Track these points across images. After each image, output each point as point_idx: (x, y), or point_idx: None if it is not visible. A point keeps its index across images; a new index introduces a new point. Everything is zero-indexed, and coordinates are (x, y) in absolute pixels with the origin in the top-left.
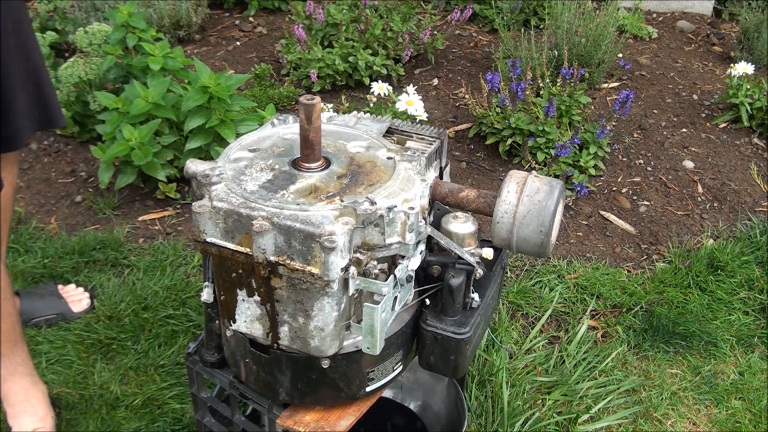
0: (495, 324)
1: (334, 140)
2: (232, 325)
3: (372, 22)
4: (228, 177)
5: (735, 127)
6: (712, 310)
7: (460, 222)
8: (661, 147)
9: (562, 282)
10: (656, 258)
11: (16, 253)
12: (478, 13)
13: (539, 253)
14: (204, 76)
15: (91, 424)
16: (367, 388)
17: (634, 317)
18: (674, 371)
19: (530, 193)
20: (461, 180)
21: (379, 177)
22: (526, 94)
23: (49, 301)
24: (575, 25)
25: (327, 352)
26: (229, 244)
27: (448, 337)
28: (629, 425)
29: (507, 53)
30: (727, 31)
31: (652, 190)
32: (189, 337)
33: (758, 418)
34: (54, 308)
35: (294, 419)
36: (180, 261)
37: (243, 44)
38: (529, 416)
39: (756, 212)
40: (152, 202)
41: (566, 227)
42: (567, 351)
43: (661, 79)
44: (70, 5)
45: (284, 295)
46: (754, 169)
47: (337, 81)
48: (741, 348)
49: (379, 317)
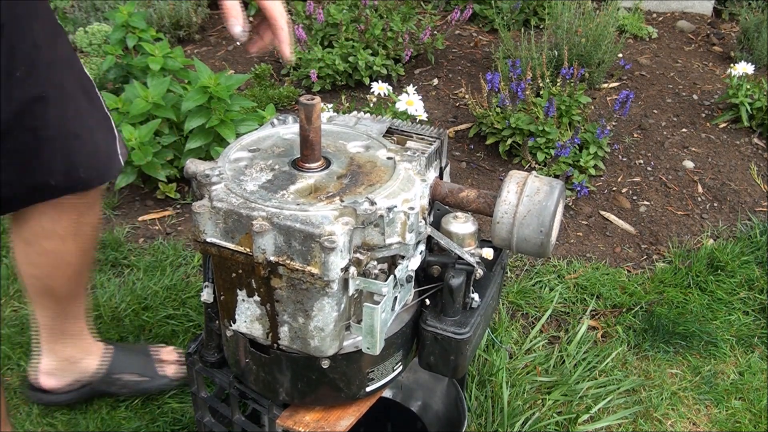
0: (495, 324)
1: (334, 140)
2: (232, 325)
3: (372, 22)
4: (228, 177)
5: (735, 127)
6: (712, 310)
7: (460, 222)
8: (661, 147)
9: (562, 282)
10: (656, 258)
11: None
12: (478, 13)
13: (539, 253)
14: (204, 76)
15: (91, 424)
16: (367, 388)
17: (634, 317)
18: (674, 371)
19: (530, 194)
20: (461, 180)
21: (379, 177)
22: (526, 94)
23: (137, 359)
24: (575, 25)
25: (327, 352)
26: (229, 244)
27: (448, 338)
28: (629, 425)
29: (507, 53)
30: (727, 31)
31: (652, 190)
32: (189, 337)
33: (758, 418)
34: (139, 368)
35: (294, 419)
36: (180, 261)
37: (243, 44)
38: (529, 416)
39: (756, 212)
40: (152, 202)
41: (566, 227)
42: (567, 351)
43: (661, 79)
44: (70, 5)
45: (284, 296)
46: (754, 169)
47: (337, 81)
48: (741, 348)
49: (379, 317)
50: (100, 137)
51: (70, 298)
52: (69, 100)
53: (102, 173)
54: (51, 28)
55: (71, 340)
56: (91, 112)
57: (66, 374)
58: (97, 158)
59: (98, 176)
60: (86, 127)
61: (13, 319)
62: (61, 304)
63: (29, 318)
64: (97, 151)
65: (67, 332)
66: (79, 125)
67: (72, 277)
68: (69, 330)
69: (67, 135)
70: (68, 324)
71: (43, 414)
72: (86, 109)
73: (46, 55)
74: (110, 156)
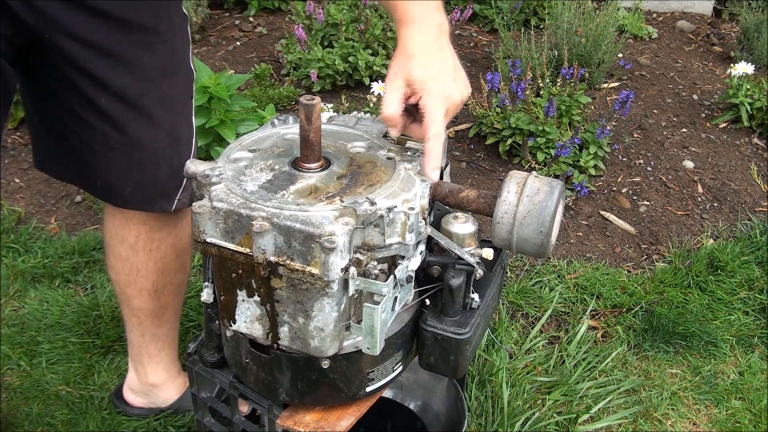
0: (495, 324)
1: (334, 140)
2: (232, 325)
3: (372, 22)
4: (228, 177)
5: (735, 127)
6: (712, 310)
7: (460, 222)
8: (661, 147)
9: (562, 282)
10: (656, 258)
11: (16, 253)
12: (478, 13)
13: (539, 253)
14: (204, 76)
15: (91, 424)
16: (367, 389)
17: (634, 317)
18: (674, 371)
19: (530, 194)
20: (461, 180)
21: (379, 177)
22: (526, 94)
23: None
24: (575, 25)
25: (327, 352)
26: (229, 244)
27: (448, 338)
28: (629, 425)
29: (507, 53)
30: (727, 31)
31: (652, 190)
32: (189, 337)
33: (758, 418)
34: None
35: (294, 419)
36: None
37: (243, 44)
38: (529, 416)
39: (756, 212)
40: None
41: (566, 227)
42: (567, 351)
43: (661, 79)
44: None
45: (284, 296)
46: (754, 169)
47: (337, 81)
48: (741, 348)
49: (379, 317)
50: (178, 174)
51: (150, 315)
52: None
53: (166, 206)
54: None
55: (155, 366)
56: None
57: (146, 397)
58: (170, 190)
59: (164, 204)
60: (175, 159)
61: (13, 319)
62: (139, 319)
63: (30, 317)
64: (165, 187)
65: (152, 356)
66: (173, 152)
67: (150, 294)
68: (152, 352)
69: (165, 154)
70: (151, 345)
71: (43, 414)
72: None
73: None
74: (170, 194)
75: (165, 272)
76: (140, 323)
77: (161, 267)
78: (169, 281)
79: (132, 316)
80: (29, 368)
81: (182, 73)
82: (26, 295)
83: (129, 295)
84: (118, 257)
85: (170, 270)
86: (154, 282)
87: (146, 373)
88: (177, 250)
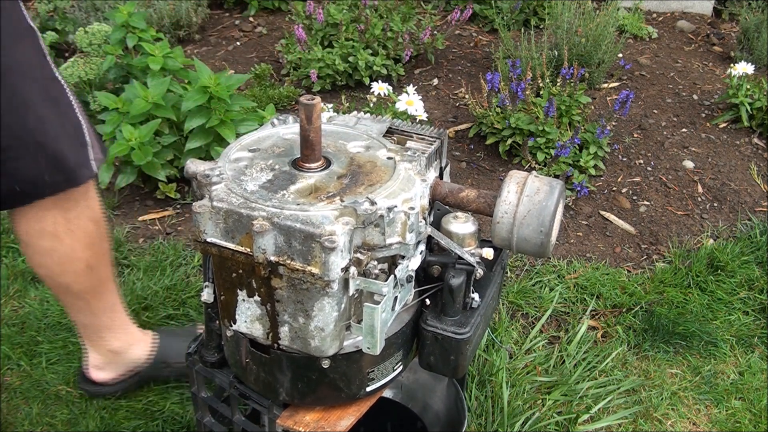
0: (495, 324)
1: (334, 140)
2: (233, 325)
3: (372, 22)
4: (228, 177)
5: (735, 127)
6: (712, 310)
7: (460, 222)
8: (661, 147)
9: (562, 282)
10: (656, 258)
11: (16, 252)
12: (478, 13)
13: (539, 253)
14: (204, 76)
15: (91, 424)
16: (368, 388)
17: (634, 317)
18: (674, 371)
19: (530, 194)
20: (461, 180)
21: (379, 177)
22: (526, 94)
23: (183, 343)
24: (575, 25)
25: (327, 352)
26: (230, 244)
27: (448, 337)
28: (629, 425)
29: (507, 53)
30: (727, 31)
31: (652, 190)
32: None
33: (758, 418)
34: None
35: (294, 419)
36: (180, 261)
37: (243, 44)
38: (529, 416)
39: (756, 212)
40: (152, 202)
41: (566, 227)
42: (567, 351)
43: (661, 79)
44: (70, 5)
45: (284, 296)
46: (754, 169)
47: (337, 81)
48: (741, 348)
49: (379, 317)
50: (66, 145)
51: (92, 292)
52: (26, 108)
53: (70, 179)
54: (11, 31)
55: (112, 333)
56: (56, 120)
57: (115, 366)
58: (64, 165)
59: (66, 181)
60: (50, 135)
61: (13, 319)
62: (84, 300)
63: (30, 317)
64: (62, 159)
65: (104, 326)
66: (41, 133)
67: (85, 272)
68: (106, 324)
69: (27, 144)
70: (103, 318)
71: (43, 414)
72: (49, 117)
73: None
74: (79, 163)
75: (93, 246)
76: (87, 303)
77: (88, 243)
78: (98, 252)
79: (76, 300)
80: (29, 368)
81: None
82: (26, 295)
83: (67, 283)
84: (42, 252)
85: (96, 242)
86: (87, 260)
87: (106, 344)
88: (95, 221)
